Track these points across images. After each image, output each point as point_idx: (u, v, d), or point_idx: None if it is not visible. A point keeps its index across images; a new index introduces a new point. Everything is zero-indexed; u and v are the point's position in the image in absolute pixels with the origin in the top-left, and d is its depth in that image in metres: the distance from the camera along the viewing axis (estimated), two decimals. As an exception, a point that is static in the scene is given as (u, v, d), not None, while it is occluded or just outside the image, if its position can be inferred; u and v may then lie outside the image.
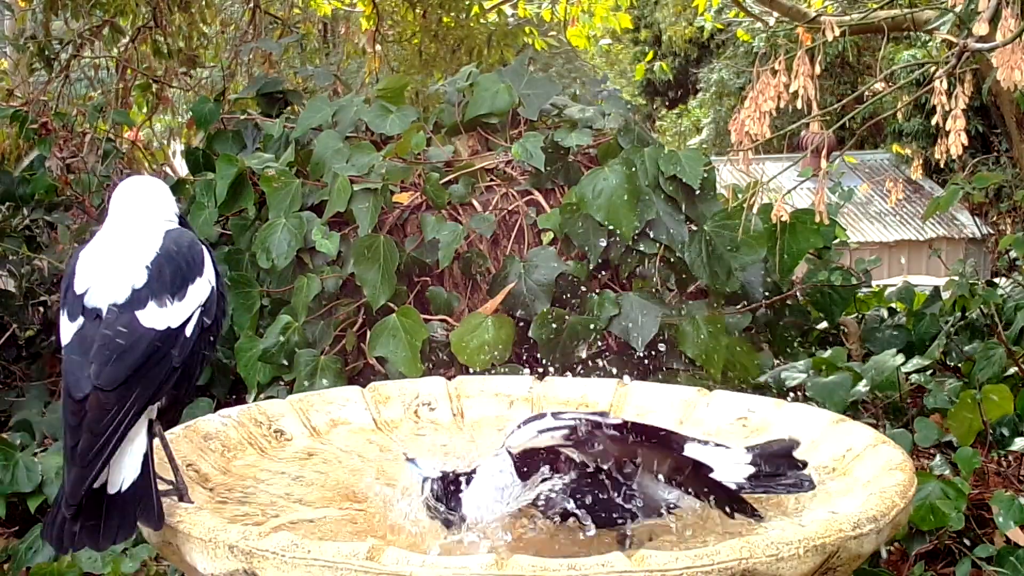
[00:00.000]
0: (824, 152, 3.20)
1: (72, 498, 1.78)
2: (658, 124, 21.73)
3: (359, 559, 1.61)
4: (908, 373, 3.98)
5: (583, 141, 3.70)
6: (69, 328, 1.92)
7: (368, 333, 3.47)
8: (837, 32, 3.08)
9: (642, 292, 3.47)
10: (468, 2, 7.42)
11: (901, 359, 3.86)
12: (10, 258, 4.51)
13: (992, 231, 13.44)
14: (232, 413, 2.34)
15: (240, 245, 3.97)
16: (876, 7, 5.63)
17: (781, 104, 3.10)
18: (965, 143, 2.92)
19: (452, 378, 2.67)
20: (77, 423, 1.82)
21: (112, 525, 1.80)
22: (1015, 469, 3.77)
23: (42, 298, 4.55)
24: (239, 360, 3.65)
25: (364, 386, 2.57)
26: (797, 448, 2.03)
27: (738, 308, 3.69)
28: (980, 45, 2.84)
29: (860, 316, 4.70)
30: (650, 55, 16.40)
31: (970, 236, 15.62)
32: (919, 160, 7.20)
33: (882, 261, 6.03)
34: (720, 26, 11.56)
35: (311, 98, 4.49)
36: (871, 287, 4.77)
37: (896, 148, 12.66)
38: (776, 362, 4.08)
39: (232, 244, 4.03)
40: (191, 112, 4.83)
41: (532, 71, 3.93)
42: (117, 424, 1.82)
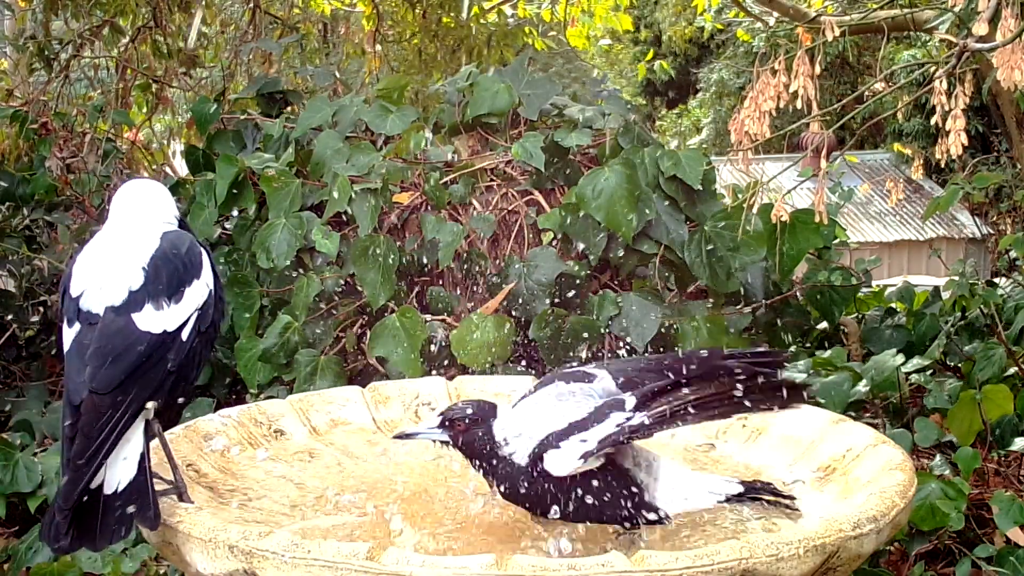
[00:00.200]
0: (824, 152, 3.20)
1: (66, 503, 1.77)
2: (658, 124, 21.72)
3: (359, 559, 1.60)
4: (908, 373, 3.98)
5: (583, 141, 3.70)
6: (68, 334, 1.92)
7: (368, 333, 3.47)
8: (837, 32, 3.07)
9: (642, 292, 3.47)
10: (468, 2, 7.42)
11: (901, 359, 3.86)
12: (10, 258, 4.51)
13: (992, 231, 13.45)
14: (232, 413, 2.34)
15: (240, 245, 3.97)
16: (876, 7, 5.63)
17: (781, 104, 3.09)
18: (965, 143, 2.92)
19: (452, 378, 2.67)
20: (73, 431, 1.81)
21: (109, 525, 1.80)
22: (1015, 469, 3.77)
23: (42, 298, 4.55)
24: (239, 360, 3.66)
25: (364, 386, 2.57)
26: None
27: (738, 308, 3.69)
28: (980, 45, 2.84)
29: (860, 316, 4.70)
30: (650, 55, 16.38)
31: (970, 236, 15.62)
32: (919, 160, 7.18)
33: (882, 261, 6.02)
34: (720, 26, 11.56)
35: (311, 98, 4.49)
36: (871, 287, 4.77)
37: (896, 148, 12.64)
38: (776, 362, 4.08)
39: (232, 244, 4.03)
40: (191, 112, 4.83)
41: (532, 71, 3.92)
42: (112, 427, 1.81)
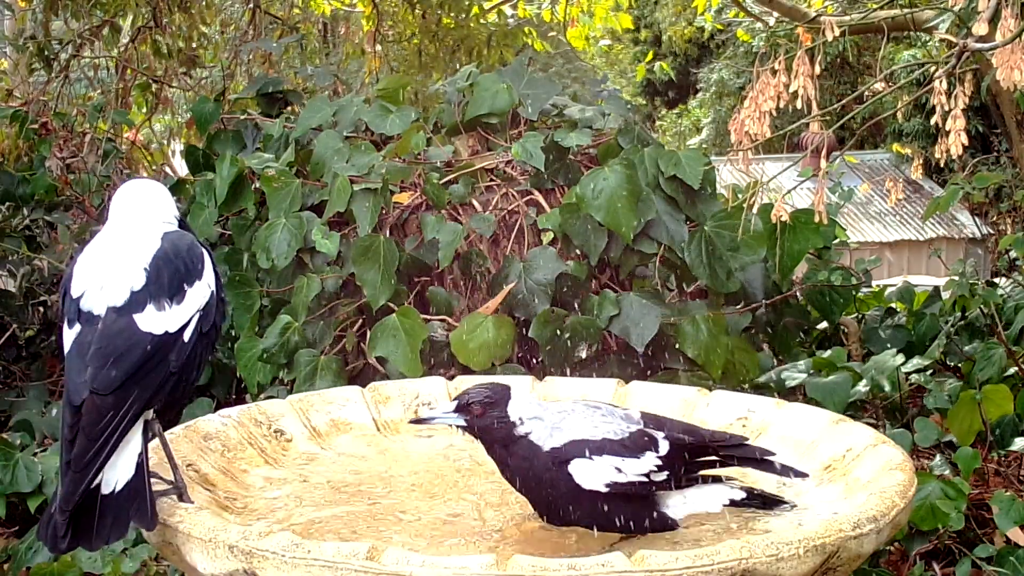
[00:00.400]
0: (824, 152, 3.20)
1: (66, 504, 1.77)
2: (658, 124, 21.74)
3: (359, 559, 1.60)
4: (908, 373, 3.98)
5: (583, 141, 3.70)
6: (69, 335, 1.91)
7: (368, 333, 3.47)
8: (837, 32, 3.07)
9: (642, 292, 3.47)
10: (468, 2, 7.42)
11: (901, 359, 3.86)
12: (10, 258, 4.50)
13: (992, 231, 13.44)
14: (232, 413, 2.34)
15: (240, 245, 3.97)
16: (876, 7, 5.63)
17: (781, 104, 3.09)
18: (965, 143, 2.92)
19: (452, 378, 2.67)
20: (73, 433, 1.80)
21: (105, 525, 1.80)
22: (1015, 469, 3.77)
23: (42, 298, 4.55)
24: (239, 360, 3.65)
25: (364, 386, 2.57)
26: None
27: (738, 308, 3.69)
28: (980, 45, 2.84)
29: (860, 316, 4.70)
30: (650, 55, 16.38)
31: (970, 236, 15.62)
32: (919, 160, 7.19)
33: (882, 261, 6.02)
34: (720, 26, 11.56)
35: (311, 98, 4.49)
36: (871, 287, 4.77)
37: (896, 148, 12.64)
38: (776, 362, 4.08)
39: (232, 244, 4.03)
40: (191, 112, 4.83)
41: (532, 71, 3.92)
42: (113, 429, 1.80)
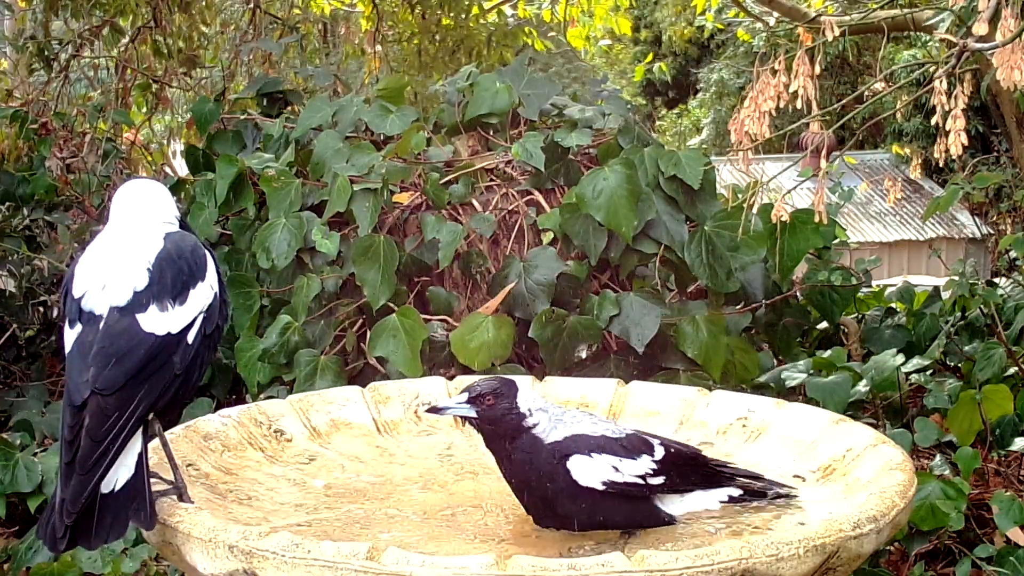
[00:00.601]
0: (824, 152, 3.20)
1: (73, 506, 1.76)
2: (658, 124, 21.73)
3: (359, 559, 1.60)
4: (908, 373, 3.98)
5: (583, 141, 3.70)
6: (70, 336, 1.90)
7: (368, 333, 3.47)
8: (837, 32, 3.07)
9: (642, 292, 3.46)
10: (468, 3, 7.42)
11: (901, 359, 3.86)
12: (10, 258, 4.50)
13: (992, 231, 13.44)
14: (232, 413, 2.34)
15: (240, 245, 3.97)
16: (876, 7, 5.63)
17: (781, 104, 3.09)
18: (965, 143, 2.92)
19: (452, 378, 2.66)
20: (74, 433, 1.79)
21: (105, 525, 1.79)
22: (1015, 469, 3.77)
23: (42, 298, 4.55)
24: (239, 360, 3.65)
25: (364, 386, 2.57)
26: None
27: (738, 308, 3.69)
28: (980, 45, 2.84)
29: (860, 316, 4.70)
30: (650, 56, 16.39)
31: (970, 236, 15.62)
32: (918, 160, 7.20)
33: (882, 261, 6.02)
34: (720, 26, 11.55)
35: (311, 98, 4.49)
36: (871, 287, 4.77)
37: (896, 149, 12.64)
38: (776, 362, 4.09)
39: (232, 244, 4.03)
40: (191, 112, 4.83)
41: (532, 71, 3.92)
42: (118, 431, 1.79)
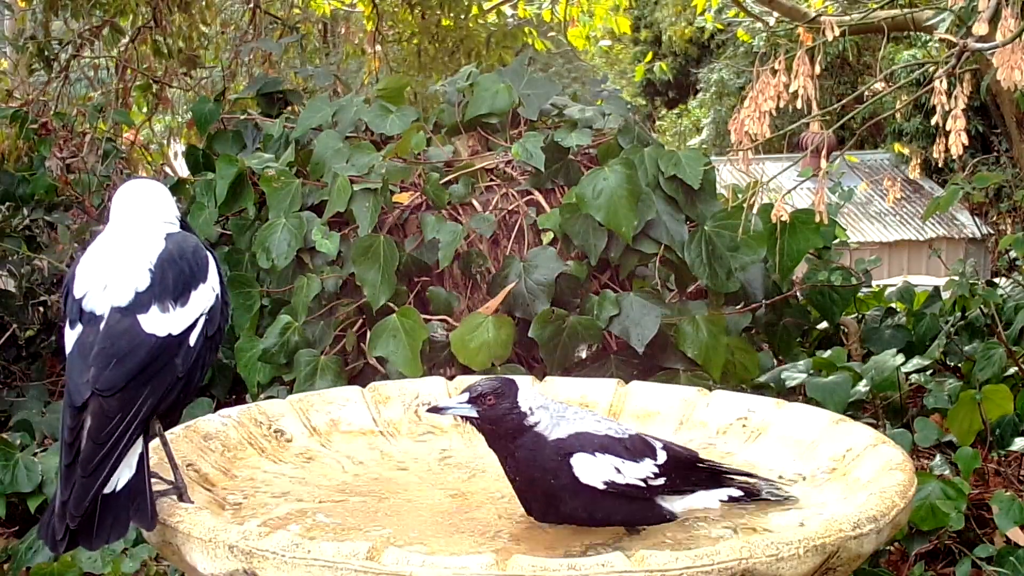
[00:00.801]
0: (824, 152, 3.20)
1: (76, 510, 1.76)
2: (658, 124, 21.73)
3: (359, 559, 1.60)
4: (908, 373, 3.98)
5: (583, 141, 3.70)
6: (71, 336, 1.89)
7: (368, 333, 3.47)
8: (837, 32, 3.07)
9: (642, 292, 3.46)
10: (467, 2, 7.42)
11: (901, 359, 3.86)
12: (10, 258, 4.51)
13: (992, 231, 13.45)
14: (232, 413, 2.34)
15: (240, 245, 3.97)
16: (876, 7, 5.63)
17: (781, 104, 3.09)
18: (965, 143, 2.92)
19: (452, 378, 2.66)
20: (74, 435, 1.79)
21: (106, 525, 1.79)
22: (1015, 469, 3.77)
23: (42, 298, 4.55)
24: (239, 360, 3.65)
25: (364, 386, 2.57)
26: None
27: (738, 308, 3.69)
28: (980, 45, 2.84)
29: (860, 316, 4.70)
30: (650, 55, 16.38)
31: (970, 236, 15.63)
32: (918, 159, 7.19)
33: (882, 261, 6.02)
34: (720, 26, 11.56)
35: (311, 98, 4.49)
36: (871, 287, 4.77)
37: (896, 147, 12.65)
38: (776, 362, 4.09)
39: (232, 244, 4.03)
40: (191, 112, 4.83)
41: (532, 71, 3.92)
42: (121, 434, 1.79)
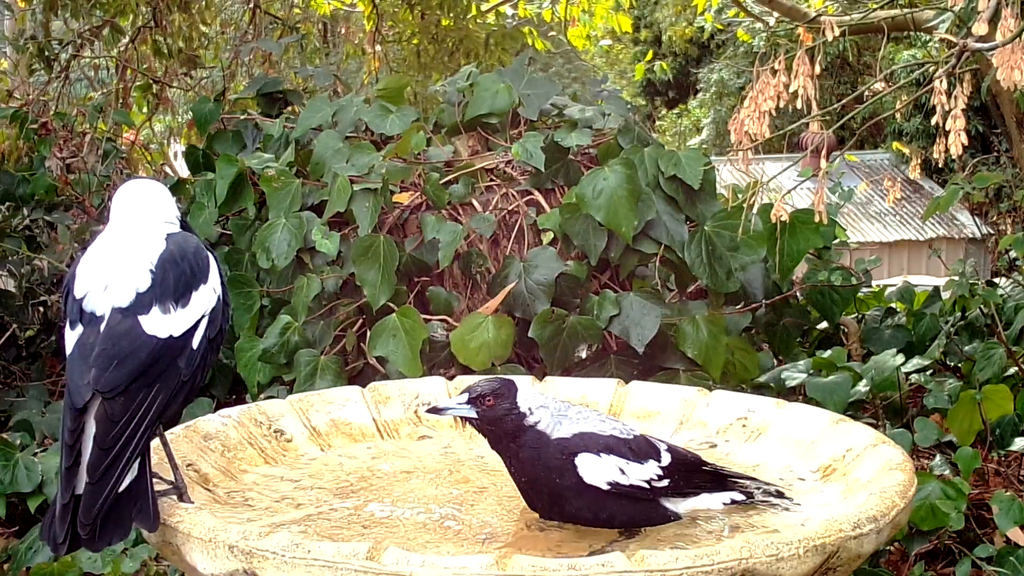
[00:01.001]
0: (824, 152, 3.20)
1: (86, 517, 1.75)
2: (658, 124, 21.74)
3: (359, 559, 1.60)
4: (908, 373, 3.98)
5: (583, 141, 3.70)
6: (71, 337, 1.88)
7: (368, 333, 3.47)
8: (837, 32, 3.07)
9: (642, 292, 3.46)
10: (467, 3, 7.42)
11: (901, 359, 3.86)
12: (10, 258, 4.51)
13: (992, 231, 13.45)
14: (232, 413, 2.34)
15: (240, 245, 3.97)
16: (876, 7, 5.63)
17: (781, 104, 3.09)
18: (965, 143, 2.91)
19: (452, 378, 2.66)
20: (74, 437, 1.78)
21: (109, 526, 1.78)
22: (1015, 469, 3.77)
23: (42, 298, 4.55)
24: (239, 360, 3.65)
25: (364, 386, 2.57)
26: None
27: (738, 308, 3.69)
28: (980, 45, 2.84)
29: (860, 316, 4.70)
30: (650, 55, 16.38)
31: (970, 236, 15.63)
32: (918, 159, 7.19)
33: (882, 261, 6.01)
34: (720, 26, 11.57)
35: (311, 98, 4.49)
36: (871, 287, 4.77)
37: (896, 146, 12.66)
38: (776, 362, 4.09)
39: (232, 244, 4.03)
40: (191, 112, 4.83)
41: (532, 71, 3.92)
42: (127, 438, 1.77)
